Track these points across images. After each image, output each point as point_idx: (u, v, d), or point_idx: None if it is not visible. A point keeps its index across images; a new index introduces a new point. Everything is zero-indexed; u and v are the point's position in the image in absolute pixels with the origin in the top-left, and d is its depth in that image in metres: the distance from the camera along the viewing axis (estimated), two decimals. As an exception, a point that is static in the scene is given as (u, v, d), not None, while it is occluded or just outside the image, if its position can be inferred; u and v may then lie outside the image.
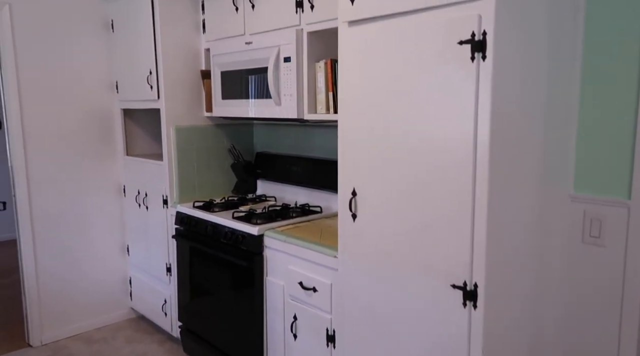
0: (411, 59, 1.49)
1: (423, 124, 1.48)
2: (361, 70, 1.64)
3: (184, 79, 2.82)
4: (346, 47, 1.69)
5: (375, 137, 1.63)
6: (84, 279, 3.21)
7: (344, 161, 1.76)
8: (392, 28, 1.54)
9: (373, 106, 1.62)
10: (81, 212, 3.16)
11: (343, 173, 1.77)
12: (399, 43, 1.52)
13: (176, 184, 2.84)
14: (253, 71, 2.46)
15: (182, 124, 2.84)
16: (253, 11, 2.46)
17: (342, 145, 1.76)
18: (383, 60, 1.57)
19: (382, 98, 1.59)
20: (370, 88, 1.63)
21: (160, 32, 2.70)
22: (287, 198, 2.85)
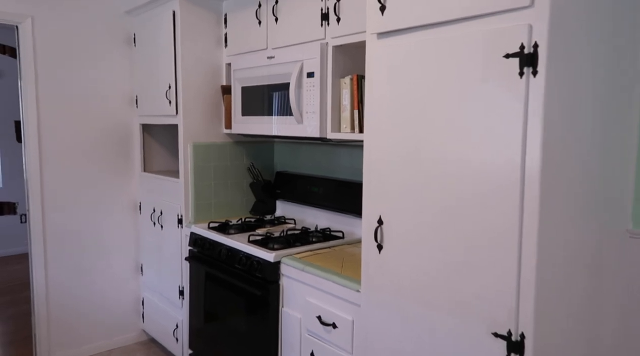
0: (448, 74, 1.33)
1: (461, 147, 1.31)
2: (391, 86, 1.49)
3: (203, 94, 2.72)
4: (374, 61, 1.55)
5: (406, 160, 1.46)
6: (96, 297, 3.10)
7: (369, 185, 1.60)
8: (427, 40, 1.39)
9: (403, 126, 1.46)
10: (95, 228, 3.07)
11: (368, 199, 1.61)
12: (433, 57, 1.37)
13: (192, 203, 2.72)
14: (274, 87, 2.34)
15: (200, 141, 2.73)
16: (276, 25, 2.35)
17: (367, 168, 1.60)
18: (415, 75, 1.42)
19: (414, 117, 1.43)
20: (400, 106, 1.47)
21: (181, 46, 2.61)
22: (308, 221, 2.69)
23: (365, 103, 1.61)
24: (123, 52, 3.07)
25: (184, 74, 2.64)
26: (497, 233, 1.24)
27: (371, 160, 1.58)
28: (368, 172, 1.60)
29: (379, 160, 1.55)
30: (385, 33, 1.51)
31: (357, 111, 2.06)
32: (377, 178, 1.56)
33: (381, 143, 1.54)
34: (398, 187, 1.49)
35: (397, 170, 1.49)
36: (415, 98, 1.42)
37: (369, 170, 1.60)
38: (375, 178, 1.57)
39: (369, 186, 1.60)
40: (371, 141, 1.57)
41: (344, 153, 2.55)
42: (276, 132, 2.35)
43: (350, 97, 2.08)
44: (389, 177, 1.52)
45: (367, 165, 1.60)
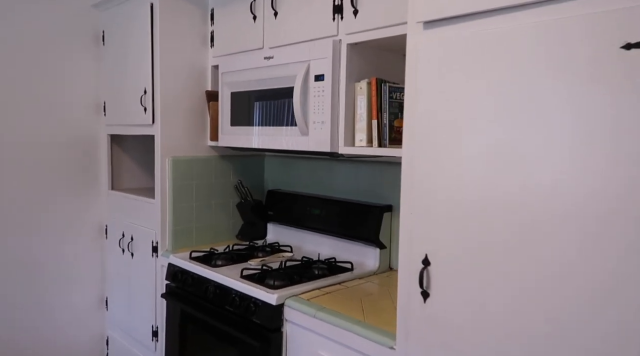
0: (530, 73, 1.01)
1: (553, 163, 0.99)
2: (444, 89, 1.16)
3: (185, 100, 2.33)
4: (420, 58, 1.22)
5: (466, 182, 1.13)
6: (52, 335, 2.62)
7: (410, 216, 1.26)
8: (497, 30, 1.07)
9: (462, 139, 1.13)
10: (53, 255, 2.61)
11: (408, 233, 1.27)
12: (506, 51, 1.05)
13: (170, 228, 2.31)
14: (272, 92, 1.98)
15: (181, 155, 2.34)
16: (276, 20, 2.00)
17: (408, 194, 1.26)
18: (481, 75, 1.09)
19: (480, 129, 1.10)
20: (456, 114, 1.14)
21: (160, 44, 2.23)
22: (307, 248, 2.33)
23: (405, 111, 1.27)
24: (89, 51, 2.65)
25: (163, 77, 2.25)
26: (610, 275, 0.92)
27: (414, 183, 1.24)
28: (409, 199, 1.26)
29: (425, 181, 1.21)
30: (438, 21, 1.19)
31: (377, 121, 1.73)
32: (423, 206, 1.22)
33: (430, 162, 1.20)
34: (454, 216, 1.16)
35: (454, 196, 1.15)
36: (481, 104, 1.10)
37: (410, 197, 1.25)
38: (420, 207, 1.23)
39: (410, 217, 1.25)
40: (415, 159, 1.23)
41: (350, 169, 2.21)
42: (275, 145, 1.99)
43: (368, 105, 1.75)
44: (441, 204, 1.18)
45: (407, 189, 1.26)
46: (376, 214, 2.00)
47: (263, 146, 2.04)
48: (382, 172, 2.08)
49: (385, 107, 1.73)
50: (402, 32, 1.55)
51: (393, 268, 2.05)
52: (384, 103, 1.73)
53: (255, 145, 2.08)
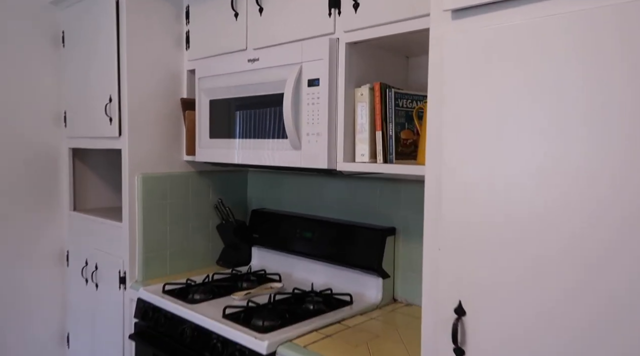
0: (596, 71, 0.78)
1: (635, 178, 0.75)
2: (477, 91, 0.92)
3: (157, 109, 2.05)
4: (445, 54, 0.97)
5: (514, 207, 0.89)
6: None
7: (436, 251, 1.01)
8: (550, 18, 0.83)
9: (505, 150, 0.89)
10: (6, 285, 2.27)
11: (434, 273, 1.01)
12: (562, 45, 0.81)
13: (140, 255, 2.01)
14: (258, 100, 1.72)
15: (152, 171, 2.05)
16: (261, 17, 1.74)
17: (433, 223, 1.01)
18: (527, 72, 0.86)
19: (528, 137, 0.86)
20: (496, 120, 0.90)
21: (127, 46, 1.95)
22: (297, 276, 2.05)
23: (428, 117, 1.02)
24: (47, 54, 2.35)
25: (131, 82, 1.97)
26: None
27: (442, 211, 0.99)
28: (435, 231, 1.00)
29: (459, 211, 0.96)
30: (469, 9, 0.95)
31: (382, 133, 1.48)
32: (455, 240, 0.97)
33: (463, 183, 0.95)
34: (500, 254, 0.91)
35: (500, 227, 0.90)
36: (531, 110, 0.86)
37: (436, 228, 1.00)
38: (450, 241, 0.98)
39: (437, 254, 1.00)
40: (443, 180, 0.99)
41: (346, 186, 1.96)
42: (261, 160, 1.72)
43: (370, 114, 1.50)
44: (481, 238, 0.93)
45: (432, 219, 1.01)
46: (378, 238, 1.75)
47: (247, 162, 1.77)
48: (382, 190, 1.83)
49: (390, 116, 1.49)
50: (413, 27, 1.32)
51: (397, 300, 1.80)
52: (389, 112, 1.49)
53: (238, 161, 1.81)
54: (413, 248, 1.75)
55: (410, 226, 1.75)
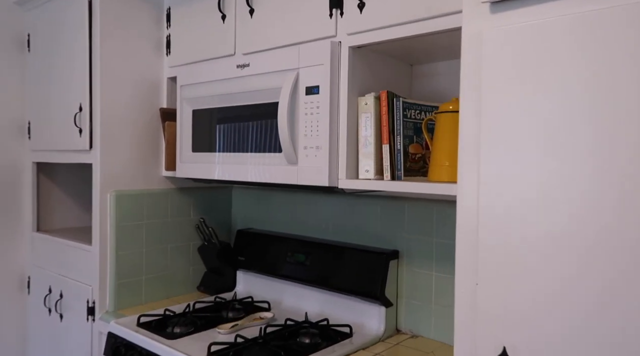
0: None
1: None
2: (525, 97, 0.78)
3: (133, 120, 1.86)
4: (484, 53, 0.83)
5: (576, 231, 0.74)
6: None
7: (473, 286, 0.85)
8: (614, 10, 0.70)
9: (564, 162, 0.75)
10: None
11: (469, 313, 0.85)
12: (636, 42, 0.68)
13: (111, 282, 1.80)
14: (248, 109, 1.55)
15: (127, 188, 1.84)
16: (252, 19, 1.58)
17: (468, 252, 0.85)
18: (591, 75, 0.72)
19: (592, 147, 0.72)
20: (549, 130, 0.76)
21: (101, 50, 1.76)
22: (288, 304, 1.87)
23: (461, 131, 0.87)
24: (10, 58, 2.13)
25: (105, 90, 1.77)
26: None
27: (481, 239, 0.83)
28: (471, 262, 0.85)
29: (505, 238, 0.81)
30: (513, 0, 0.81)
31: (389, 146, 1.33)
32: (498, 273, 0.81)
33: (510, 204, 0.80)
34: (557, 291, 0.76)
35: (554, 255, 0.75)
36: (596, 115, 0.72)
37: (472, 258, 0.84)
38: (491, 273, 0.82)
39: (474, 290, 0.84)
40: (481, 199, 0.83)
41: (343, 204, 1.79)
42: (251, 177, 1.54)
43: (376, 125, 1.35)
44: (533, 270, 0.78)
45: (467, 247, 0.85)
46: (381, 262, 1.59)
47: (235, 178, 1.59)
48: (384, 209, 1.68)
49: (399, 128, 1.34)
50: (428, 29, 1.18)
51: (400, 331, 1.63)
52: (397, 124, 1.34)
53: (225, 177, 1.63)
54: (418, 274, 1.59)
55: (415, 249, 1.59)
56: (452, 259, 1.51)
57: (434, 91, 1.56)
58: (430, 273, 1.56)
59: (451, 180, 1.24)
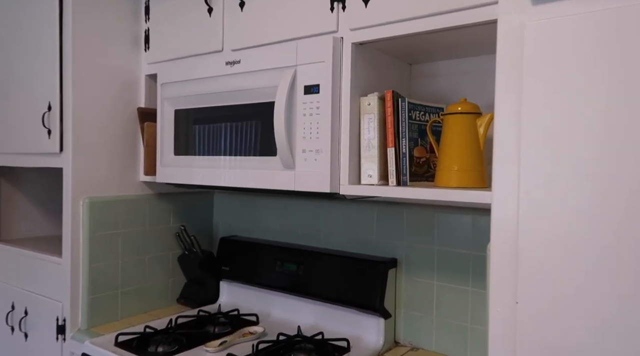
0: None
1: None
2: (576, 96, 0.71)
3: (108, 120, 1.71)
4: (527, 50, 0.76)
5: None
6: None
7: (513, 305, 0.77)
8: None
9: (621, 168, 0.68)
10: None
11: (506, 335, 0.78)
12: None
13: (84, 296, 1.65)
14: (239, 110, 1.44)
15: (101, 194, 1.70)
16: (242, 12, 1.48)
17: (504, 266, 0.78)
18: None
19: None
20: (601, 134, 0.69)
21: (73, 44, 1.61)
22: (277, 316, 1.76)
23: (496, 133, 0.79)
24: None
25: (77, 87, 1.62)
26: None
27: (521, 252, 0.76)
28: (509, 280, 0.77)
29: (548, 252, 0.74)
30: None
31: (394, 150, 1.25)
32: (545, 292, 0.74)
33: (554, 213, 0.73)
34: (617, 312, 0.69)
35: (615, 273, 0.68)
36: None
37: (511, 274, 0.77)
38: (533, 292, 0.74)
39: (512, 308, 0.77)
40: (521, 208, 0.76)
41: (337, 210, 1.70)
42: (243, 182, 1.43)
43: (380, 127, 1.27)
44: (587, 290, 0.71)
45: (504, 262, 0.78)
46: (379, 272, 1.51)
47: (224, 183, 1.48)
48: (381, 215, 1.60)
49: (404, 130, 1.26)
50: (442, 24, 1.11)
51: (399, 343, 1.55)
52: (403, 126, 1.26)
53: (212, 182, 1.51)
54: (417, 283, 1.52)
55: (414, 257, 1.52)
56: (454, 267, 1.44)
57: (433, 92, 1.50)
58: (431, 282, 1.49)
59: (461, 186, 1.18)
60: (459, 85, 1.45)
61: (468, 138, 1.20)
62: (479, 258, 1.40)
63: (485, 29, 1.11)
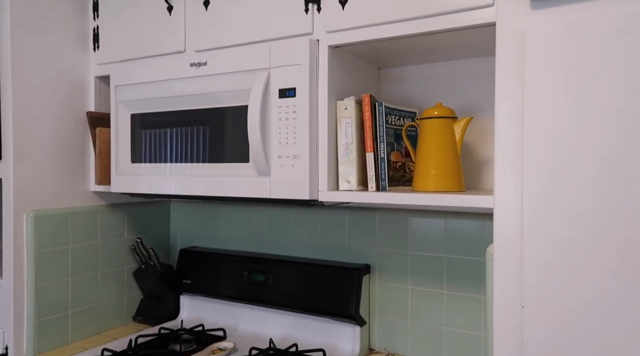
0: None
1: None
2: (583, 95, 0.72)
3: (53, 126, 1.57)
4: (528, 54, 0.76)
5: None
6: None
7: (519, 309, 0.77)
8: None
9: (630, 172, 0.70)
10: None
11: (513, 343, 0.77)
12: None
13: (30, 321, 1.49)
14: (206, 114, 1.36)
15: (48, 207, 1.55)
16: (206, 12, 1.40)
17: (506, 264, 0.77)
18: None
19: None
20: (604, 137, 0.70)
21: (13, 42, 1.45)
22: (244, 329, 1.68)
23: (497, 138, 0.79)
24: None
25: (17, 90, 1.47)
26: None
27: (525, 254, 0.75)
28: (510, 281, 0.77)
29: (558, 254, 0.74)
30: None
31: (373, 154, 1.23)
32: (551, 295, 0.74)
33: (559, 216, 0.73)
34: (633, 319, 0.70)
35: (628, 278, 0.70)
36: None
37: (515, 277, 0.76)
38: (542, 295, 0.74)
39: (519, 313, 0.76)
40: (525, 212, 0.75)
41: (304, 216, 1.66)
42: (212, 190, 1.35)
43: (358, 132, 1.25)
44: (597, 297, 0.71)
45: (506, 265, 0.77)
46: (353, 278, 1.48)
47: (190, 192, 1.39)
48: (352, 220, 1.57)
49: (382, 135, 1.25)
50: (422, 28, 1.10)
51: (374, 350, 1.54)
52: (380, 131, 1.25)
53: (177, 191, 1.42)
54: (390, 288, 1.51)
55: (388, 262, 1.51)
56: (429, 272, 1.45)
57: (403, 96, 1.50)
58: (405, 287, 1.49)
59: (439, 190, 1.18)
60: (428, 89, 1.46)
61: (445, 142, 1.20)
62: (452, 261, 1.42)
63: (463, 34, 1.12)
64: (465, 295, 1.39)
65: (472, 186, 1.39)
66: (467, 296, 1.39)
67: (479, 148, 1.38)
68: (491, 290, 0.79)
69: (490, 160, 1.37)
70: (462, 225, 1.40)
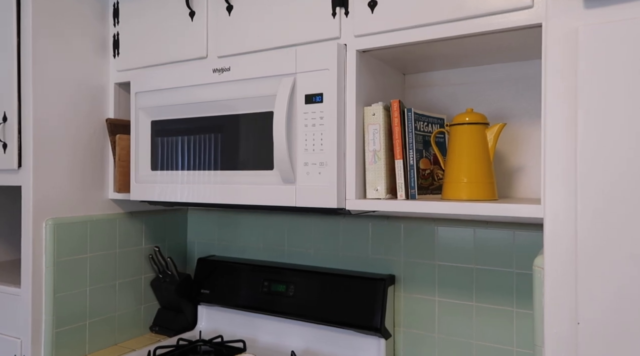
0: None
1: None
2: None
3: (73, 133, 1.55)
4: (582, 56, 0.72)
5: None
6: None
7: (572, 324, 0.72)
8: None
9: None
10: None
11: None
12: None
13: (47, 331, 1.46)
14: (229, 120, 1.34)
15: (67, 215, 1.52)
16: (230, 17, 1.38)
17: (561, 278, 0.73)
18: None
19: None
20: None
21: (33, 50, 1.44)
22: (265, 341, 1.64)
23: (546, 144, 0.75)
24: None
25: (38, 97, 1.45)
26: None
27: (579, 267, 0.71)
28: (563, 296, 0.72)
29: (618, 269, 0.69)
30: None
31: (402, 162, 1.19)
32: (610, 310, 0.69)
33: (618, 227, 0.69)
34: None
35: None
36: None
37: (567, 291, 0.72)
38: (600, 311, 0.70)
39: (573, 330, 0.72)
40: (579, 223, 0.71)
41: (326, 225, 1.62)
42: (234, 199, 1.32)
43: (386, 138, 1.21)
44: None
45: (558, 278, 0.73)
46: (378, 289, 1.44)
47: (213, 200, 1.36)
48: (376, 229, 1.53)
49: (411, 142, 1.21)
50: (459, 31, 1.07)
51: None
52: (409, 137, 1.21)
53: (199, 199, 1.39)
54: (417, 300, 1.46)
55: (413, 273, 1.47)
56: (457, 283, 1.40)
57: (428, 102, 1.47)
58: (432, 298, 1.44)
59: (471, 198, 1.14)
60: (454, 95, 1.42)
61: (477, 148, 1.17)
62: (481, 272, 1.37)
63: (494, 37, 1.09)
64: (496, 308, 1.34)
65: (503, 194, 1.35)
66: (498, 309, 1.34)
67: (510, 155, 1.34)
68: (540, 304, 0.74)
69: (521, 168, 1.32)
70: (492, 234, 1.35)
